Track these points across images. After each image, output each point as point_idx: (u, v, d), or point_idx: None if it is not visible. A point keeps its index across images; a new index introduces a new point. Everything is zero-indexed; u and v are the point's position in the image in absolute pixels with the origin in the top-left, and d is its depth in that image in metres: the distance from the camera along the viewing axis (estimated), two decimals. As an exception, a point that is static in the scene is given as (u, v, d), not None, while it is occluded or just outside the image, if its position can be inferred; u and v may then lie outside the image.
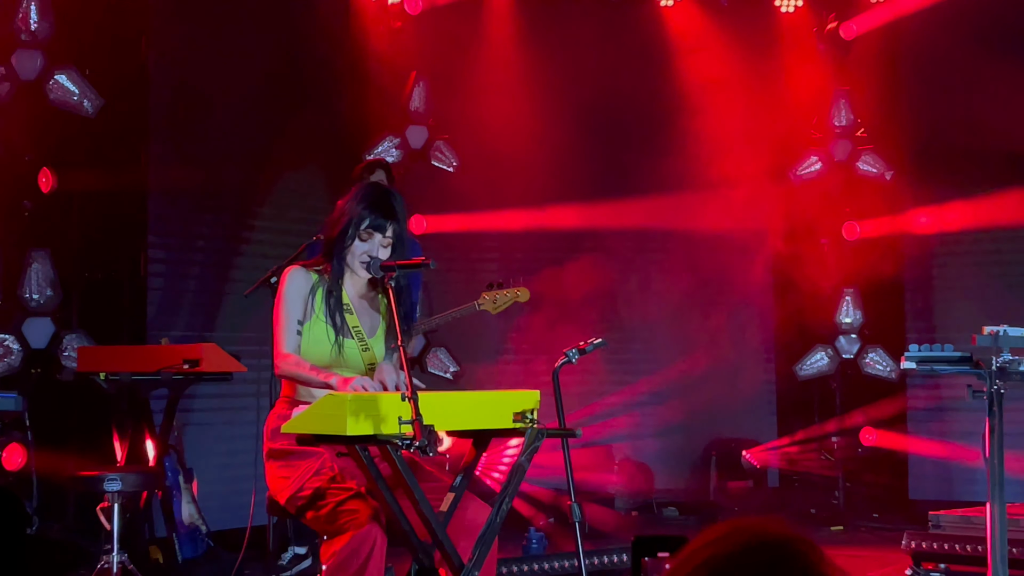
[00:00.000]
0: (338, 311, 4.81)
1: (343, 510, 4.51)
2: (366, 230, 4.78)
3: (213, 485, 8.03)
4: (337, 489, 4.58)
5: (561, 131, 10.02)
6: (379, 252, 4.78)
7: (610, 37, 10.23)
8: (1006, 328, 4.81)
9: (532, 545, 7.75)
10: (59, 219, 7.71)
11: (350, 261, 4.81)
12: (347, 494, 4.55)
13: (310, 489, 4.62)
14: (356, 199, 4.83)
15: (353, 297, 4.88)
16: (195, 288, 8.38)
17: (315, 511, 4.60)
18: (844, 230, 9.94)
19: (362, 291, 4.92)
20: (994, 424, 4.79)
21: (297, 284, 4.80)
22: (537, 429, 4.49)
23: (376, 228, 4.78)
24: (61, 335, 7.51)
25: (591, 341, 5.51)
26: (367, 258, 4.77)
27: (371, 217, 4.78)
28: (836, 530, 9.29)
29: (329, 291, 4.81)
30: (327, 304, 4.80)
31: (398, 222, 4.81)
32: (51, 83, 7.50)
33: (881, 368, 9.89)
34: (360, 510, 4.49)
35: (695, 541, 1.86)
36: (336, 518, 4.52)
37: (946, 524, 7.06)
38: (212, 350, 6.72)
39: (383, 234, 4.79)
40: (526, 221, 9.89)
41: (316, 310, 4.80)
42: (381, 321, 4.93)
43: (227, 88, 8.54)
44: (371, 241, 4.78)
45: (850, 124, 9.98)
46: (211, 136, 8.51)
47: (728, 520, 1.89)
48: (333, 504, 4.55)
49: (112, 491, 6.13)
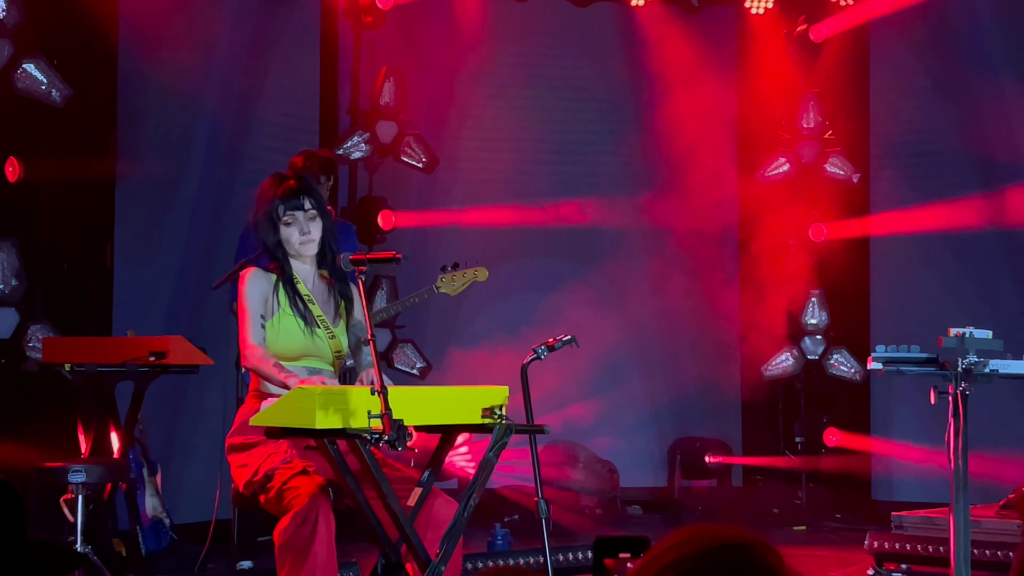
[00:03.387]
0: (303, 302, 4.87)
1: (287, 487, 4.55)
2: (286, 215, 4.86)
3: (177, 478, 8.00)
4: (285, 468, 4.60)
5: (529, 128, 10.04)
6: (307, 226, 4.85)
7: (580, 35, 10.25)
8: (972, 330, 4.84)
9: (497, 541, 7.76)
10: (25, 209, 7.65)
11: (291, 250, 4.89)
12: (291, 472, 4.58)
13: (262, 472, 4.64)
14: (261, 195, 4.94)
15: (311, 288, 4.95)
16: (162, 280, 8.34)
17: (265, 494, 4.63)
18: (811, 231, 9.99)
19: (317, 282, 4.99)
20: (958, 426, 4.82)
21: (257, 284, 4.87)
22: (505, 425, 4.50)
23: (294, 208, 4.86)
24: (26, 325, 7.45)
25: (560, 338, 5.54)
26: (303, 237, 4.85)
27: (283, 203, 4.87)
28: (799, 530, 9.34)
29: (287, 284, 4.87)
30: (289, 296, 4.85)
31: (310, 193, 4.90)
32: (19, 72, 7.43)
33: (845, 369, 9.94)
34: (301, 485, 4.50)
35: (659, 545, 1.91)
36: (282, 497, 4.55)
37: (909, 525, 7.11)
38: (179, 342, 6.70)
39: (303, 210, 4.87)
40: (495, 217, 9.90)
41: (281, 304, 4.84)
42: (341, 309, 4.98)
43: (196, 80, 8.51)
44: (297, 223, 4.87)
45: (818, 126, 10.02)
46: (180, 127, 8.48)
47: (691, 525, 1.93)
48: (279, 484, 4.57)
49: (76, 483, 6.10)
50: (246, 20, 8.86)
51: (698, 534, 1.89)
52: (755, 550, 1.87)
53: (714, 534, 1.88)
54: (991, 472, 7.76)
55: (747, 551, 1.87)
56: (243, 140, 8.83)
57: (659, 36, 10.09)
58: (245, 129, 8.86)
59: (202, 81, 8.55)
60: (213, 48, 8.59)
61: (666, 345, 10.28)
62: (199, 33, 8.49)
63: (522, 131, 10.00)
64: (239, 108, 8.82)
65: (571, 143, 10.25)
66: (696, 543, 1.87)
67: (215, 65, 8.63)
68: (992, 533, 6.76)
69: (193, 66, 8.47)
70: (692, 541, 1.89)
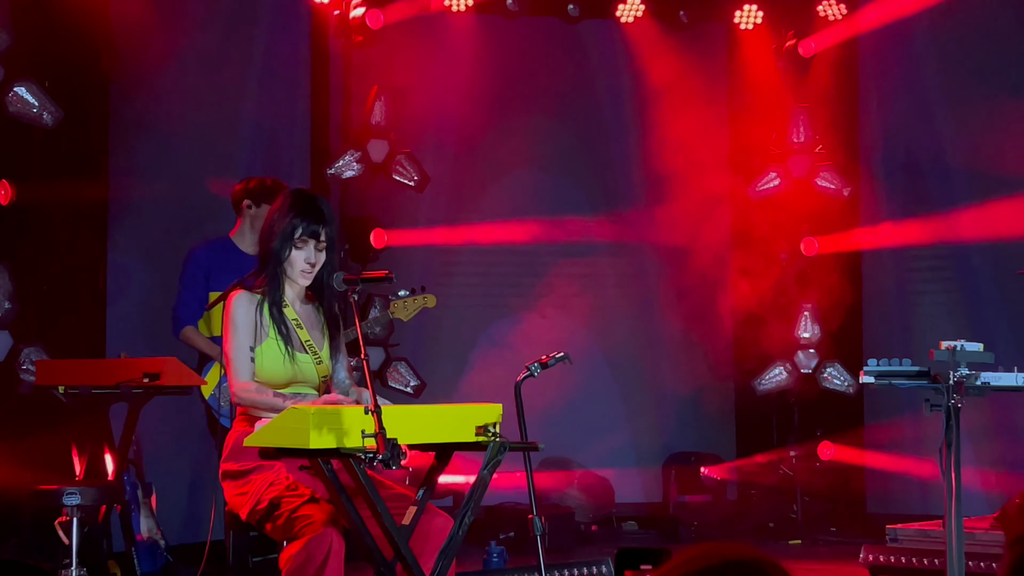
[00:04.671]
0: (288, 327, 4.82)
1: (298, 516, 4.53)
2: (300, 238, 4.80)
3: (172, 500, 7.99)
4: (292, 496, 4.59)
5: (521, 146, 10.06)
6: (315, 257, 4.82)
7: (570, 53, 10.27)
8: (963, 343, 4.86)
9: (493, 559, 7.75)
10: (17, 232, 7.66)
11: (290, 272, 4.84)
12: (300, 500, 4.57)
13: (266, 501, 4.63)
14: (283, 209, 4.84)
15: (299, 311, 4.90)
16: (155, 302, 8.34)
17: (272, 522, 4.61)
18: (803, 245, 10.00)
19: (304, 303, 4.94)
20: (951, 438, 4.83)
21: (244, 309, 4.80)
22: (499, 443, 4.51)
23: (310, 235, 4.81)
24: (19, 348, 7.45)
25: (553, 355, 5.54)
26: (307, 265, 4.80)
27: (303, 224, 4.80)
28: (794, 544, 9.34)
29: (274, 306, 4.82)
30: (274, 320, 4.80)
31: (328, 224, 4.85)
32: (10, 95, 7.45)
33: (839, 383, 9.95)
34: (315, 514, 4.50)
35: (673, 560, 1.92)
36: (292, 525, 4.53)
37: (903, 538, 7.12)
38: (172, 364, 6.70)
39: (317, 239, 4.82)
40: (486, 236, 9.92)
41: (268, 329, 4.80)
42: (325, 333, 4.94)
43: (188, 101, 8.52)
44: (307, 248, 4.82)
45: (808, 140, 10.05)
46: (171, 149, 8.49)
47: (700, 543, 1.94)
48: (288, 512, 4.56)
49: (71, 505, 6.10)
50: (236, 41, 8.87)
51: (706, 552, 1.90)
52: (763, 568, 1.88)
53: (722, 552, 1.89)
54: (1006, 487, 7.79)
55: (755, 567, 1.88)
56: (233, 161, 8.84)
57: (649, 52, 10.12)
58: (236, 150, 8.87)
59: (192, 103, 8.56)
60: (203, 69, 8.60)
61: (659, 360, 10.29)
62: (189, 54, 8.50)
63: (514, 148, 10.01)
64: (230, 129, 8.83)
65: (563, 159, 10.26)
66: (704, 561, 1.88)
67: (205, 86, 8.64)
68: (986, 545, 6.76)
69: (183, 87, 8.48)
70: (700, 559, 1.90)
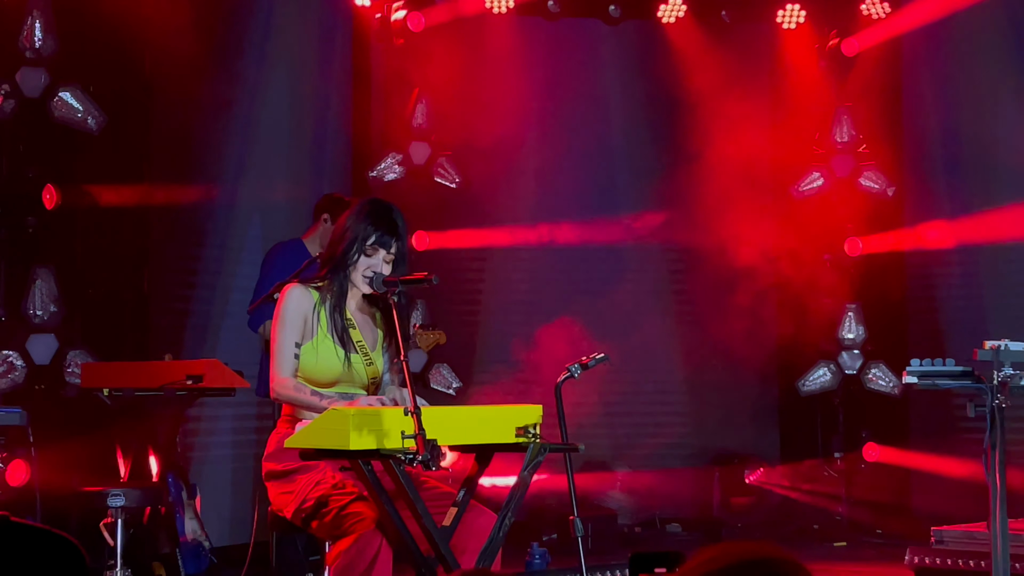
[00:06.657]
0: (344, 327, 4.83)
1: (347, 513, 4.54)
2: (371, 246, 4.80)
3: (216, 501, 8.03)
4: (339, 495, 4.60)
5: (562, 148, 10.05)
6: (382, 268, 4.81)
7: (611, 54, 10.25)
8: (1007, 343, 4.81)
9: (535, 560, 7.75)
10: (63, 236, 7.73)
11: (354, 277, 4.83)
12: (349, 498, 4.58)
13: (312, 499, 4.64)
14: (361, 215, 4.84)
15: (355, 312, 4.91)
16: (198, 304, 8.39)
17: (319, 519, 4.62)
18: (847, 246, 9.95)
19: (361, 306, 4.94)
20: (995, 439, 4.79)
21: (296, 303, 4.80)
22: (539, 444, 4.50)
23: (381, 244, 4.80)
24: (65, 351, 7.52)
25: (594, 356, 5.51)
26: (371, 273, 4.79)
27: (377, 234, 4.80)
28: (839, 546, 9.28)
29: (334, 307, 4.83)
30: (332, 320, 4.81)
31: (401, 239, 4.84)
32: (55, 100, 7.52)
33: (884, 384, 9.89)
34: (364, 512, 4.50)
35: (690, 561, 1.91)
36: (341, 522, 4.54)
37: (949, 539, 7.05)
38: (215, 366, 6.73)
39: (387, 250, 4.81)
40: (528, 237, 9.92)
41: (321, 327, 4.81)
42: (379, 335, 4.95)
43: (230, 106, 8.57)
44: (375, 257, 4.81)
45: (852, 140, 9.99)
46: (213, 154, 8.54)
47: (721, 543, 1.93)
48: (336, 509, 4.57)
49: (116, 507, 6.14)
50: (276, 46, 8.91)
51: (724, 552, 1.89)
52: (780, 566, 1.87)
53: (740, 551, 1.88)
54: None
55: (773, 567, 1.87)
56: (275, 164, 8.88)
57: (691, 53, 10.09)
58: (277, 153, 8.91)
59: (234, 107, 8.61)
60: (244, 74, 8.65)
61: (703, 361, 10.25)
62: (230, 59, 8.55)
63: (554, 149, 10.01)
64: (271, 133, 8.87)
65: (604, 160, 10.25)
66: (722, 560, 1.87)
67: (246, 91, 8.68)
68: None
69: (225, 92, 8.53)
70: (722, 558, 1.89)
